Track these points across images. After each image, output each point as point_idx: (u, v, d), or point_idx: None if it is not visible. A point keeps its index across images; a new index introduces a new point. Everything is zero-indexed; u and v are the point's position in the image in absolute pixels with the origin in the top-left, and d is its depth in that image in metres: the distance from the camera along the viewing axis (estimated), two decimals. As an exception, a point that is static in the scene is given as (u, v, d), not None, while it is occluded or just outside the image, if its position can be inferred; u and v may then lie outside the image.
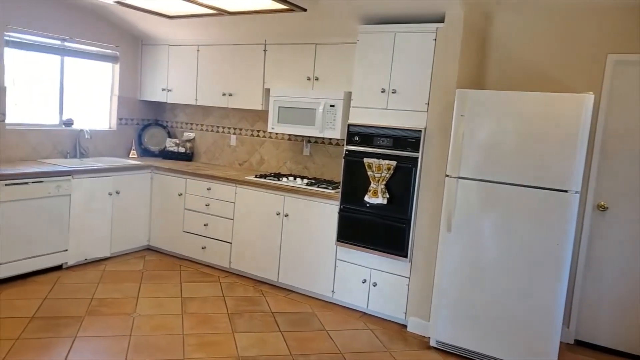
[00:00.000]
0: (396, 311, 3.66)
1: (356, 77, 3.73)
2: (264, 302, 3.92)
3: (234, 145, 5.20)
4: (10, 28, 4.28)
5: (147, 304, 3.73)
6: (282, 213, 4.11)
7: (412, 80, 3.50)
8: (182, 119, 5.58)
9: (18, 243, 3.91)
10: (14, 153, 4.43)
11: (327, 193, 3.90)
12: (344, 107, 3.98)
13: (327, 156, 4.55)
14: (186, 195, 4.69)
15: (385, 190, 3.56)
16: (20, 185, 3.86)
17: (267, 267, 4.24)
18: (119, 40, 5.22)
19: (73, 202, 4.26)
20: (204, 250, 4.61)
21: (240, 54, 4.66)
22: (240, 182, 4.34)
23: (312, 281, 4.02)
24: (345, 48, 4.05)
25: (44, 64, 4.71)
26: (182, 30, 4.84)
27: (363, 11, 3.59)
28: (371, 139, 3.64)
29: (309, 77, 4.24)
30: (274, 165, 4.92)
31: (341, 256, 3.86)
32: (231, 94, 4.73)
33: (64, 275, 4.17)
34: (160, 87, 5.25)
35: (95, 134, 5.09)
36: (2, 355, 2.85)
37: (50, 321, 3.32)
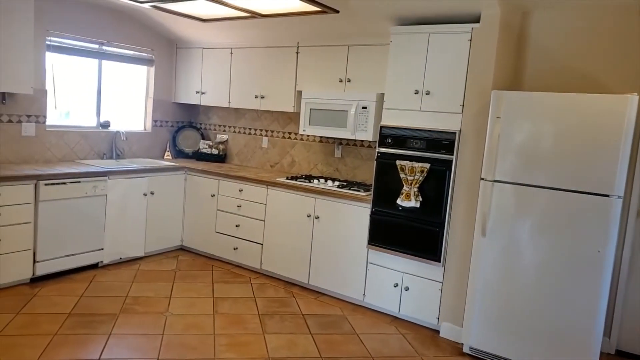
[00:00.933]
0: (428, 316, 3.60)
1: (389, 79, 3.69)
2: (295, 304, 3.92)
3: (265, 147, 5.23)
4: (52, 33, 4.42)
5: (179, 303, 3.78)
6: (312, 215, 4.10)
7: (447, 82, 3.44)
8: (215, 121, 5.65)
9: (56, 241, 4.03)
10: (53, 154, 4.57)
11: (359, 195, 3.87)
12: (376, 108, 3.94)
13: (359, 158, 4.52)
14: (219, 196, 4.74)
15: (419, 193, 3.51)
16: (59, 185, 3.97)
17: (298, 269, 4.23)
18: (154, 43, 5.33)
19: (109, 202, 4.37)
20: (235, 250, 4.65)
21: (272, 56, 4.68)
22: (272, 184, 4.36)
23: (343, 284, 3.99)
24: (377, 49, 4.02)
25: (83, 67, 4.86)
26: (215, 33, 4.90)
27: (396, 12, 3.56)
28: (404, 141, 3.59)
29: (341, 79, 4.23)
30: (305, 167, 4.92)
31: (372, 259, 3.82)
32: (263, 96, 4.76)
33: (100, 273, 4.27)
34: (194, 89, 5.34)
35: (130, 136, 5.21)
36: (41, 349, 2.94)
37: (86, 318, 3.40)
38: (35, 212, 3.85)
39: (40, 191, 3.85)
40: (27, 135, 4.35)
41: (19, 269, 3.80)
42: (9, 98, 4.18)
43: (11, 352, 2.88)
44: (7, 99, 4.17)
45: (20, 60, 3.91)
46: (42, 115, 4.44)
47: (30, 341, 3.03)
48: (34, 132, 4.40)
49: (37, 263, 3.91)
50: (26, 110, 4.32)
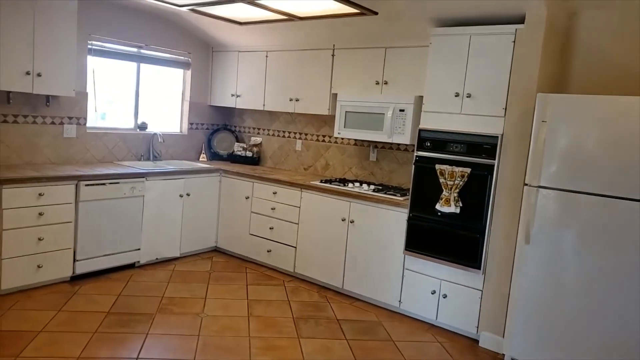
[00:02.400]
0: (467, 325, 3.51)
1: (428, 81, 3.62)
2: (329, 309, 3.88)
3: (299, 150, 5.23)
4: (93, 37, 4.53)
5: (214, 304, 3.79)
6: (347, 219, 4.06)
7: (489, 84, 3.35)
8: (250, 124, 5.68)
9: (95, 241, 4.11)
10: (93, 155, 4.67)
11: (395, 200, 3.81)
12: (414, 111, 3.88)
13: (395, 162, 4.46)
14: (253, 198, 4.76)
15: (458, 199, 3.43)
16: (98, 186, 4.05)
17: (332, 273, 4.20)
18: (191, 47, 5.40)
19: (146, 203, 4.43)
20: (269, 253, 4.65)
21: (308, 59, 4.67)
22: (306, 187, 4.34)
23: (378, 290, 3.93)
24: (416, 51, 3.96)
25: (122, 70, 4.96)
26: (251, 36, 4.93)
27: (437, 14, 3.49)
28: (444, 144, 3.52)
29: (377, 81, 4.18)
30: (339, 171, 4.89)
31: (409, 265, 3.75)
32: (298, 99, 4.75)
33: (136, 273, 4.34)
34: (229, 92, 5.38)
35: (167, 138, 5.29)
36: (82, 346, 2.99)
37: (124, 317, 3.45)
38: (76, 211, 3.94)
39: (80, 191, 3.94)
40: (68, 136, 4.47)
41: (60, 267, 3.89)
42: (53, 100, 4.30)
43: (54, 348, 2.94)
44: (51, 101, 4.29)
45: (64, 64, 4.01)
46: (82, 118, 4.55)
47: (72, 338, 3.09)
48: (75, 134, 4.51)
49: (77, 262, 3.99)
50: (68, 112, 4.43)
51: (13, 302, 3.52)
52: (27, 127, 4.18)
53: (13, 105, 4.07)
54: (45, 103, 4.26)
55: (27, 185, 3.61)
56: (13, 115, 4.09)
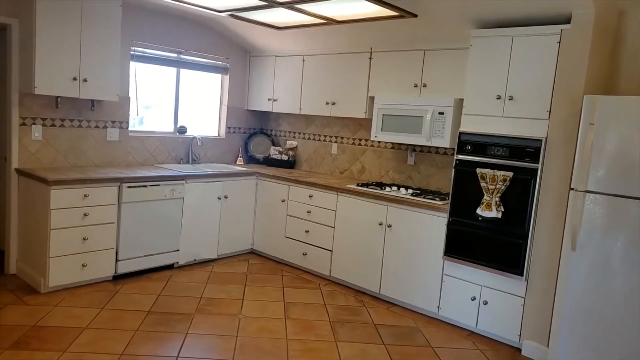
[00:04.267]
0: (509, 333, 3.41)
1: (469, 84, 3.57)
2: (366, 313, 3.86)
3: (335, 153, 5.23)
4: (136, 43, 4.66)
5: (251, 306, 3.82)
6: (384, 223, 4.03)
7: (532, 86, 3.27)
8: (285, 128, 5.72)
9: (136, 242, 4.21)
10: (135, 158, 4.80)
11: (434, 204, 3.76)
12: (454, 114, 3.82)
13: (433, 166, 4.40)
14: (289, 201, 4.78)
15: (500, 203, 3.35)
16: (140, 188, 4.15)
17: (368, 277, 4.17)
18: (229, 52, 5.49)
19: (185, 205, 4.51)
20: (304, 256, 4.65)
21: (344, 62, 4.68)
22: (342, 191, 4.33)
23: (416, 295, 3.88)
24: (455, 54, 3.91)
25: (162, 75, 5.08)
26: (288, 41, 4.97)
27: (479, 15, 3.44)
28: (485, 148, 3.45)
29: (416, 84, 4.14)
30: (375, 174, 4.86)
31: (448, 271, 3.69)
32: (334, 102, 4.76)
33: (175, 274, 4.42)
34: (266, 97, 5.44)
35: (205, 141, 5.38)
36: (125, 344, 3.06)
37: (164, 316, 3.51)
38: (118, 213, 4.05)
39: (123, 193, 4.04)
40: (111, 139, 4.60)
41: (103, 266, 4.00)
42: (97, 105, 4.44)
43: (98, 345, 3.02)
44: (95, 105, 4.43)
45: (108, 70, 4.14)
46: (125, 121, 4.68)
47: (115, 335, 3.17)
48: (117, 137, 4.64)
49: (118, 262, 4.10)
50: (111, 116, 4.57)
51: (59, 299, 3.64)
52: (72, 131, 4.33)
53: (60, 110, 4.23)
54: (90, 107, 4.40)
55: (73, 186, 3.74)
56: (60, 119, 4.24)
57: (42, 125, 4.14)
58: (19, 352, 2.87)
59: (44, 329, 3.18)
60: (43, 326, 3.21)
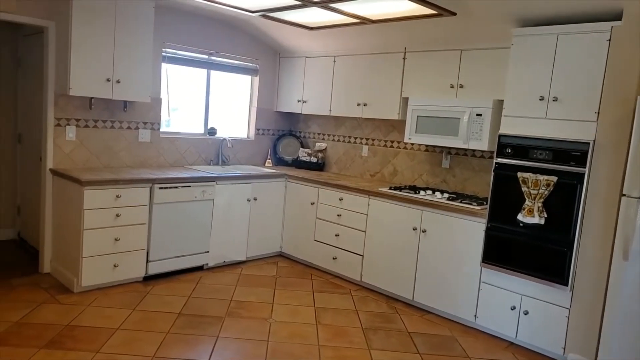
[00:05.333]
0: (552, 345, 3.26)
1: (509, 84, 3.44)
2: (399, 320, 3.75)
3: (365, 155, 5.13)
4: (167, 44, 4.66)
5: (282, 310, 3.76)
6: (419, 228, 3.91)
7: (578, 87, 3.12)
8: (315, 130, 5.65)
9: (167, 243, 4.19)
10: (166, 159, 4.80)
11: (472, 209, 3.63)
12: (492, 116, 3.69)
13: (469, 169, 4.27)
14: (318, 204, 4.70)
15: (543, 209, 3.21)
16: (171, 189, 4.14)
17: (402, 284, 4.06)
18: (259, 53, 5.45)
19: (215, 206, 4.48)
20: (334, 260, 4.57)
21: (377, 63, 4.58)
22: (374, 194, 4.23)
23: (452, 303, 3.75)
24: (494, 53, 3.77)
25: (192, 76, 5.07)
26: (319, 41, 4.91)
27: (522, 13, 3.30)
28: (526, 151, 3.31)
29: (452, 84, 4.02)
30: (408, 178, 4.75)
31: (486, 279, 3.55)
32: (366, 103, 4.67)
33: (205, 275, 4.39)
34: (295, 98, 5.38)
35: (235, 143, 5.36)
36: (156, 346, 3.04)
37: (194, 319, 3.48)
38: (150, 214, 4.04)
39: (154, 194, 4.03)
40: (143, 141, 4.61)
41: (134, 267, 4.00)
42: (129, 106, 4.45)
43: (130, 346, 3.00)
44: (128, 106, 4.44)
45: (141, 71, 4.15)
46: (156, 123, 4.69)
47: (146, 337, 3.14)
48: (149, 138, 4.65)
49: (149, 262, 4.09)
50: (143, 117, 4.58)
51: (92, 299, 3.65)
52: (105, 132, 4.35)
53: (94, 111, 4.25)
54: (122, 108, 4.42)
55: (106, 187, 3.74)
56: (94, 120, 4.26)
57: (76, 126, 4.17)
58: (53, 351, 2.87)
59: (78, 328, 3.18)
60: (76, 326, 3.21)
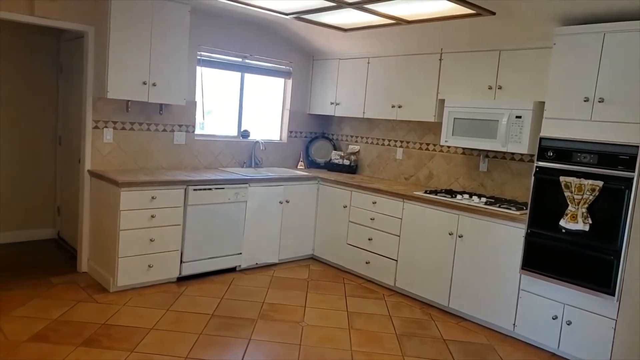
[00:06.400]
0: (597, 357, 3.10)
1: (552, 85, 3.31)
2: (434, 327, 3.66)
3: (399, 158, 5.05)
4: (202, 48, 4.71)
5: (314, 314, 3.72)
6: (455, 233, 3.82)
7: (627, 87, 2.97)
8: (348, 132, 5.61)
9: (200, 244, 4.23)
10: (200, 161, 4.85)
11: (511, 214, 3.51)
12: (533, 118, 3.57)
13: (509, 173, 4.14)
14: (351, 207, 4.66)
15: (587, 215, 3.07)
16: (205, 190, 4.17)
17: (437, 289, 3.96)
18: (292, 56, 5.46)
19: (248, 208, 4.50)
20: (367, 265, 4.51)
21: (413, 64, 4.51)
22: (408, 198, 4.15)
23: (489, 310, 3.64)
24: (535, 53, 3.65)
25: (227, 79, 5.11)
26: (353, 43, 4.87)
27: (564, 12, 3.18)
28: (570, 154, 3.18)
29: (490, 86, 3.91)
30: (444, 181, 4.64)
31: (526, 286, 3.43)
32: (401, 105, 4.59)
33: (238, 277, 4.40)
34: (328, 100, 5.36)
35: (268, 145, 5.37)
36: (189, 347, 3.05)
37: (227, 320, 3.48)
38: (184, 215, 4.08)
39: (189, 196, 4.07)
40: (178, 143, 4.67)
41: (168, 268, 4.04)
42: (165, 109, 4.52)
43: (164, 346, 3.03)
44: (163, 109, 4.51)
45: (176, 75, 4.21)
46: (191, 125, 4.74)
47: (179, 337, 3.16)
48: (184, 141, 4.70)
49: (183, 263, 4.13)
50: (178, 120, 4.64)
51: (127, 298, 3.70)
52: (142, 134, 4.42)
53: (130, 113, 4.33)
54: (158, 111, 4.49)
55: (142, 188, 3.80)
56: (130, 122, 4.34)
57: (114, 128, 4.25)
58: (90, 349, 2.92)
59: (113, 327, 3.23)
60: (112, 325, 3.26)
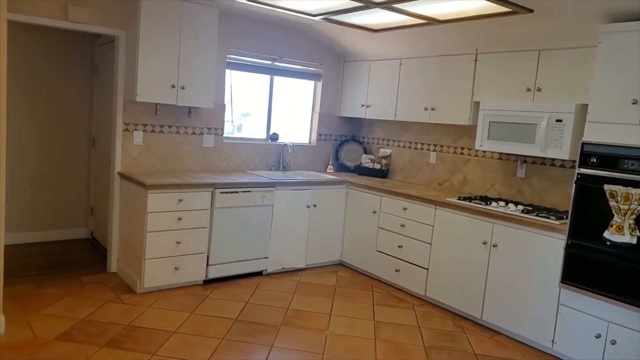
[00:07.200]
0: (643, 381, 2.88)
1: (596, 87, 3.09)
2: (465, 340, 3.48)
3: (433, 163, 4.88)
4: (231, 51, 4.69)
5: (339, 322, 3.62)
6: (489, 242, 3.63)
7: (680, 88, 2.74)
8: (379, 135, 5.48)
9: (226, 247, 4.19)
10: (228, 164, 4.83)
11: (550, 224, 3.30)
12: (575, 122, 3.35)
13: (548, 180, 3.91)
14: (380, 213, 4.52)
15: (636, 227, 2.83)
16: (231, 193, 4.13)
17: (469, 301, 3.78)
18: (322, 58, 5.37)
19: (275, 212, 4.43)
20: (397, 272, 4.36)
21: (446, 65, 4.34)
22: (441, 204, 3.99)
23: (526, 325, 3.43)
24: (577, 53, 3.43)
25: (256, 82, 5.08)
26: (384, 44, 4.74)
27: (609, 8, 2.96)
28: (615, 161, 2.95)
29: (529, 87, 3.70)
30: (479, 187, 4.45)
31: (566, 301, 3.21)
32: (434, 108, 4.43)
33: (263, 281, 4.34)
34: (359, 103, 5.24)
35: (296, 149, 5.30)
36: (210, 352, 3.01)
37: (250, 326, 3.42)
38: (211, 218, 4.05)
39: (215, 198, 4.04)
40: (207, 146, 4.66)
41: (194, 270, 4.02)
42: (194, 112, 4.52)
43: (185, 350, 2.99)
44: (192, 112, 4.51)
45: (205, 78, 4.20)
46: (220, 128, 4.73)
47: (202, 342, 3.12)
48: (212, 144, 4.69)
49: (209, 266, 4.10)
50: (207, 123, 4.63)
51: (153, 300, 3.70)
52: (171, 137, 4.43)
53: (160, 116, 4.35)
54: (187, 114, 4.49)
55: (169, 191, 3.79)
56: (159, 125, 4.36)
57: (143, 131, 4.28)
58: (113, 350, 2.92)
59: (137, 329, 3.22)
60: (136, 326, 3.25)
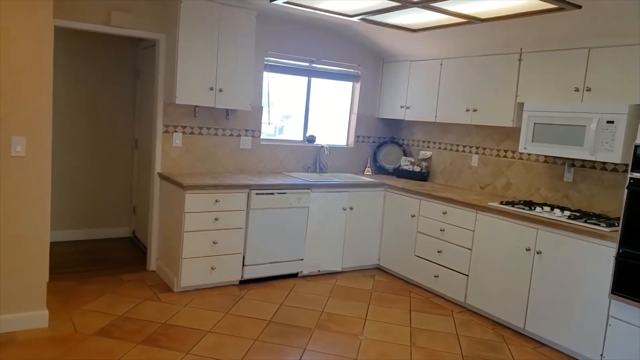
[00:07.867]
0: None
1: (651, 84, 2.90)
2: (506, 350, 3.33)
3: (475, 166, 4.73)
4: (269, 53, 4.71)
5: (374, 327, 3.54)
6: (533, 249, 3.46)
7: None
8: (419, 137, 5.36)
9: (262, 248, 4.20)
10: (265, 165, 4.85)
11: (599, 231, 3.11)
12: (628, 123, 3.15)
13: (598, 184, 3.70)
14: (419, 217, 4.41)
15: (695, 234, 2.63)
16: (267, 195, 4.14)
17: (511, 309, 3.62)
18: (360, 59, 5.32)
19: (310, 214, 4.41)
20: (436, 278, 4.24)
21: (489, 65, 4.19)
22: (482, 209, 3.85)
23: (572, 337, 3.25)
24: (630, 51, 3.23)
25: (293, 84, 5.08)
26: (424, 44, 4.64)
27: (668, -2, 2.77)
28: (673, 164, 2.75)
29: (577, 87, 3.52)
30: (523, 192, 4.26)
31: (617, 313, 3.01)
32: (476, 109, 4.29)
33: (299, 283, 4.32)
34: (398, 104, 5.15)
35: (333, 150, 5.27)
36: (243, 352, 3.01)
37: (284, 328, 3.40)
38: (247, 219, 4.07)
39: (251, 200, 4.06)
40: (244, 147, 4.70)
41: (230, 270, 4.05)
42: (231, 114, 4.56)
43: (219, 350, 3.00)
44: (230, 114, 4.55)
45: (242, 80, 4.24)
46: (257, 130, 4.75)
47: (235, 342, 3.12)
48: (250, 145, 4.72)
49: (245, 267, 4.12)
50: (244, 125, 4.67)
51: (189, 299, 3.74)
52: (209, 139, 4.49)
53: (198, 118, 4.41)
54: (225, 116, 4.54)
55: (206, 191, 3.84)
56: (198, 127, 4.43)
57: (182, 132, 4.36)
58: (148, 347, 2.97)
59: (173, 327, 3.26)
60: (172, 325, 3.30)
